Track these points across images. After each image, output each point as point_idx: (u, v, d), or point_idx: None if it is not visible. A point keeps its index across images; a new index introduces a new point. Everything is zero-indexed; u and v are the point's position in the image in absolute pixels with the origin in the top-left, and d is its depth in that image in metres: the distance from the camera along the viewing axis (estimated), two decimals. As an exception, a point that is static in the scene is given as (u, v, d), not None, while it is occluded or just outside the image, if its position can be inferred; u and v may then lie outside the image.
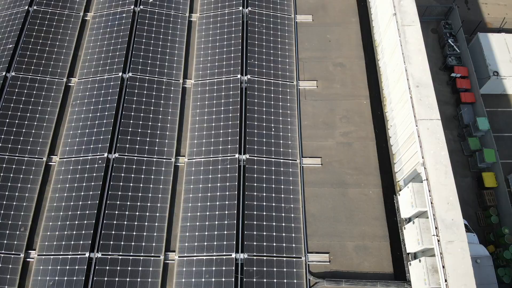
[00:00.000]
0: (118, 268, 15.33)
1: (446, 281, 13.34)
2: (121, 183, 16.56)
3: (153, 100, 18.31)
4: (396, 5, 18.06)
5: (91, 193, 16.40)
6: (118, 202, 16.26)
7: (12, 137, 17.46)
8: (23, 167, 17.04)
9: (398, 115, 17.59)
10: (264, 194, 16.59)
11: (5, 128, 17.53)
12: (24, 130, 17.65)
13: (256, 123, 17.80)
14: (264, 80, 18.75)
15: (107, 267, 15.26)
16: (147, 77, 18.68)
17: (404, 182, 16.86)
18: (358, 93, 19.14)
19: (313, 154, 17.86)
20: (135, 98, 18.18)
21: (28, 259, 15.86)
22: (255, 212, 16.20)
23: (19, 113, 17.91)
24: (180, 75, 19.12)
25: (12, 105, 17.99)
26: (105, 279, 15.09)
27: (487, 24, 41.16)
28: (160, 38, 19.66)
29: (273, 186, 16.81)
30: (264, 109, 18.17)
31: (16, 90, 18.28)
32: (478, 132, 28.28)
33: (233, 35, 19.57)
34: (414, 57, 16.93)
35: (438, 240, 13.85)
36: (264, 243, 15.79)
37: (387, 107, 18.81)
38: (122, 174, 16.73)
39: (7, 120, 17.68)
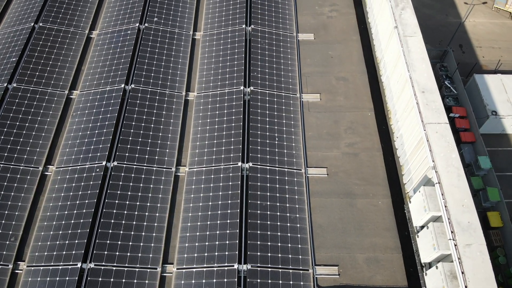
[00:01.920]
0: (112, 279, 14.25)
1: (466, 287, 12.31)
2: (118, 191, 15.86)
3: (154, 111, 18.05)
4: (397, 18, 18.32)
5: (86, 201, 15.65)
6: (114, 211, 15.47)
7: (9, 146, 16.98)
8: (18, 176, 16.41)
9: (404, 125, 17.24)
10: (268, 203, 15.84)
11: (2, 137, 17.10)
12: (21, 140, 17.22)
13: (259, 132, 17.40)
14: (267, 91, 18.61)
15: (100, 278, 14.18)
16: (149, 89, 18.55)
17: (414, 192, 16.15)
18: (362, 106, 18.91)
19: (318, 165, 17.29)
20: (136, 109, 17.92)
21: (16, 271, 14.80)
22: (258, 221, 15.36)
23: (17, 123, 17.56)
24: (182, 88, 19.01)
25: (11, 115, 17.69)
26: (97, 291, 13.98)
27: (483, 66, 41.98)
28: (164, 53, 19.79)
29: (278, 195, 16.09)
30: (267, 119, 17.86)
31: (17, 100, 18.07)
32: (480, 171, 27.90)
33: (236, 51, 19.70)
34: (417, 65, 16.88)
35: (455, 245, 12.96)
36: (269, 254, 14.81)
37: (392, 120, 18.51)
38: (120, 183, 16.07)
39: (5, 129, 17.30)
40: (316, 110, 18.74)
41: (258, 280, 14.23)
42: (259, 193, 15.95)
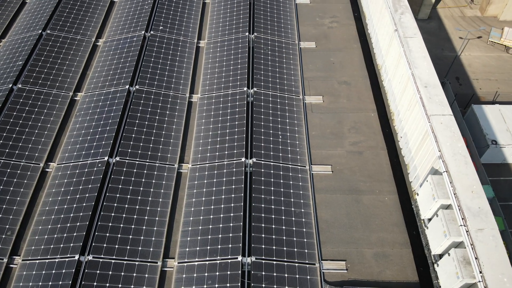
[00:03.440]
0: (110, 272, 13.66)
1: (481, 272, 11.79)
2: (120, 186, 15.56)
3: (158, 111, 18.07)
4: (397, 22, 18.77)
5: (87, 195, 15.31)
6: (115, 204, 15.10)
7: (10, 143, 16.85)
8: (18, 171, 16.16)
9: (407, 123, 17.20)
10: (273, 197, 15.49)
11: (4, 134, 17.01)
12: (24, 137, 17.11)
13: (262, 130, 17.34)
14: (270, 93, 18.73)
15: (98, 271, 13.60)
16: (153, 90, 18.68)
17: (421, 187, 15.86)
18: (365, 107, 18.96)
19: (323, 162, 17.08)
20: (140, 108, 17.95)
21: (11, 265, 14.22)
22: (263, 215, 14.96)
23: (20, 121, 17.52)
24: (186, 90, 19.15)
25: (14, 113, 17.69)
26: (95, 284, 13.35)
27: (480, 97, 42.54)
28: (169, 58, 20.10)
29: (282, 190, 15.77)
30: (270, 118, 17.85)
31: (21, 100, 18.13)
32: None
33: (240, 55, 20.03)
34: (419, 62, 17.09)
35: (467, 231, 12.55)
36: (274, 247, 14.30)
37: (395, 121, 18.49)
38: (122, 177, 15.80)
39: (8, 127, 17.23)
40: (319, 111, 18.77)
41: (263, 273, 13.64)
42: (263, 187, 15.64)
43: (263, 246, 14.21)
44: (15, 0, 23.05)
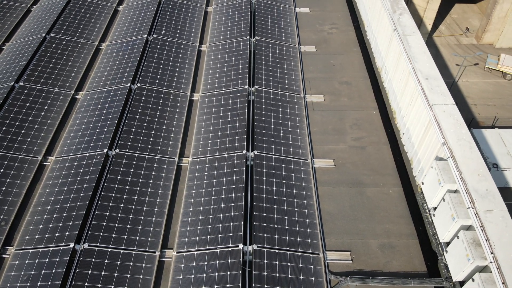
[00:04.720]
0: (106, 261, 13.14)
1: (492, 253, 11.33)
2: (118, 177, 15.25)
3: (159, 107, 18.01)
4: (396, 21, 19.05)
5: (85, 186, 14.98)
6: (113, 195, 14.73)
7: (9, 136, 16.67)
8: (16, 164, 15.89)
9: (410, 118, 17.09)
10: (274, 188, 15.15)
11: (3, 128, 16.85)
12: (23, 131, 16.95)
13: (264, 125, 17.20)
14: (271, 91, 18.73)
15: (93, 259, 13.08)
16: (155, 88, 18.69)
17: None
18: (366, 105, 18.92)
19: (325, 157, 16.83)
20: (141, 104, 17.90)
21: (3, 256, 13.70)
22: (264, 204, 14.57)
23: (20, 116, 17.42)
24: (188, 89, 19.17)
25: (15, 109, 17.61)
26: (89, 272, 12.81)
27: (479, 122, 42.67)
28: (171, 59, 20.27)
29: (284, 181, 15.45)
30: (272, 114, 17.75)
31: (22, 97, 18.11)
32: None
33: (241, 56, 20.20)
34: (419, 57, 17.19)
35: (476, 213, 12.18)
36: (276, 236, 13.83)
37: (397, 119, 18.39)
38: (121, 169, 15.52)
39: (7, 121, 17.10)
40: (321, 109, 18.70)
41: (265, 261, 13.12)
42: (264, 178, 15.33)
43: (264, 235, 13.75)
44: (20, 8, 23.55)
